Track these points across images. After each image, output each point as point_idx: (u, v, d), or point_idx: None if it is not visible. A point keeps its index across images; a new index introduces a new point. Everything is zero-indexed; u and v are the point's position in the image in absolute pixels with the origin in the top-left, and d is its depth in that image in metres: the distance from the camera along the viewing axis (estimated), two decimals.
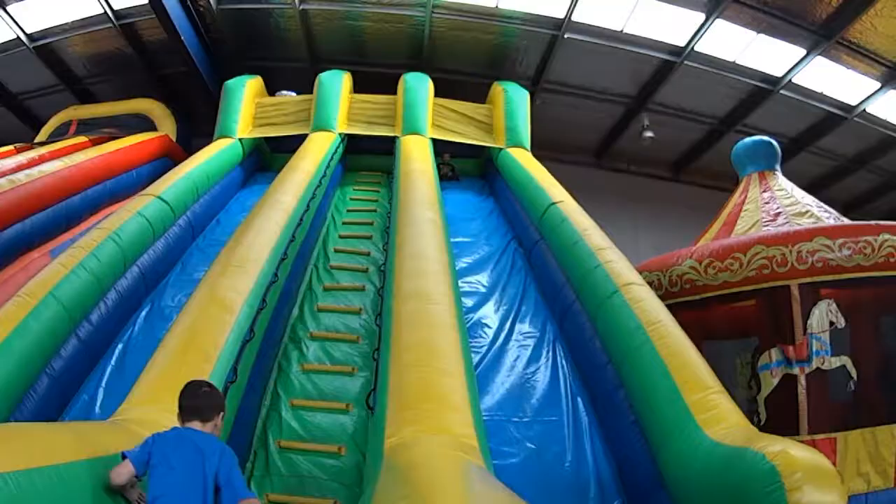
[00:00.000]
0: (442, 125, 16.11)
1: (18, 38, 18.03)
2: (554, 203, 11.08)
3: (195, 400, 4.73)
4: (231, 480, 4.36)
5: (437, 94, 16.55)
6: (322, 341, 9.04)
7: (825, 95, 18.57)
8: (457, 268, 10.16)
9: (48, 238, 12.05)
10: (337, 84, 16.33)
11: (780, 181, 12.59)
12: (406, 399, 5.62)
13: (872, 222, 9.90)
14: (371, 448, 6.02)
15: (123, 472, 4.28)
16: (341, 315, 9.67)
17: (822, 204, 11.98)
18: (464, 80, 18.86)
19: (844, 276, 9.47)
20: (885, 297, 9.58)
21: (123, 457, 4.32)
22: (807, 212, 11.37)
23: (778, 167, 13.08)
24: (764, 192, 12.32)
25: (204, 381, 5.20)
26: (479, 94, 17.34)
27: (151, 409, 5.44)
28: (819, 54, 16.60)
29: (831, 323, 9.32)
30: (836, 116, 19.12)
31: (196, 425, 4.61)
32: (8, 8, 17.14)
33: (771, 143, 13.25)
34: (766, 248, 9.81)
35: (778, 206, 11.70)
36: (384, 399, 5.91)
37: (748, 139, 13.67)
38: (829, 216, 11.22)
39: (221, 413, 4.81)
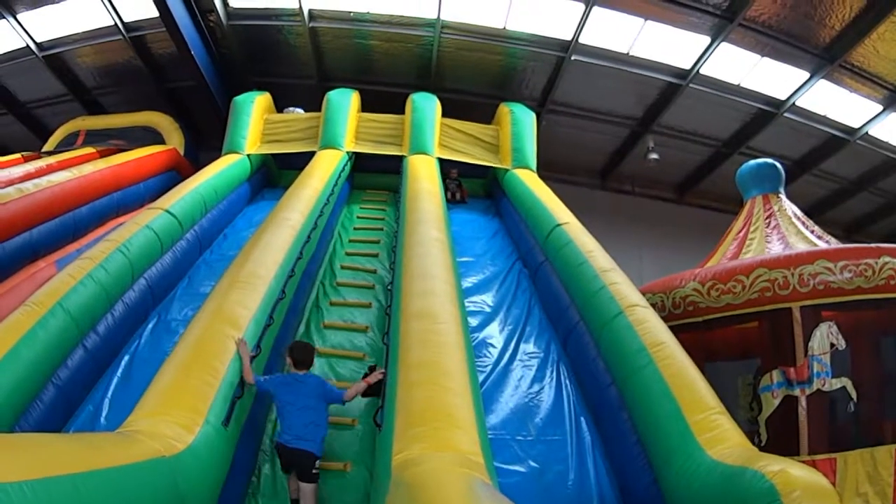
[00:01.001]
0: (449, 145, 16.22)
1: (28, 46, 18.10)
2: (559, 224, 11.16)
3: (304, 355, 7.15)
4: (333, 395, 6.98)
5: (444, 115, 16.68)
6: (328, 357, 9.05)
7: (828, 118, 18.67)
8: (462, 287, 10.21)
9: (54, 248, 12.04)
10: (345, 102, 16.45)
11: (784, 204, 12.65)
12: (414, 416, 5.66)
13: (873, 245, 9.98)
14: (379, 464, 6.05)
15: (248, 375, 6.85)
16: (347, 333, 9.72)
17: (822, 233, 12.04)
18: (471, 100, 18.94)
19: (845, 298, 9.56)
20: (885, 319, 9.66)
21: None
22: (807, 237, 11.45)
23: (782, 189, 13.14)
24: (768, 216, 12.38)
25: (304, 342, 8.09)
26: (485, 114, 17.48)
27: (159, 420, 5.50)
28: (822, 77, 16.70)
29: (832, 345, 9.39)
30: (838, 139, 19.20)
31: (302, 370, 7.03)
32: (18, 16, 17.25)
33: (775, 166, 13.31)
34: (768, 271, 9.89)
35: (781, 232, 11.76)
36: (392, 416, 5.95)
37: (752, 162, 13.75)
38: (827, 245, 11.24)
39: (313, 360, 7.29)
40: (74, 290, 8.15)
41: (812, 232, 11.86)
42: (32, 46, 18.09)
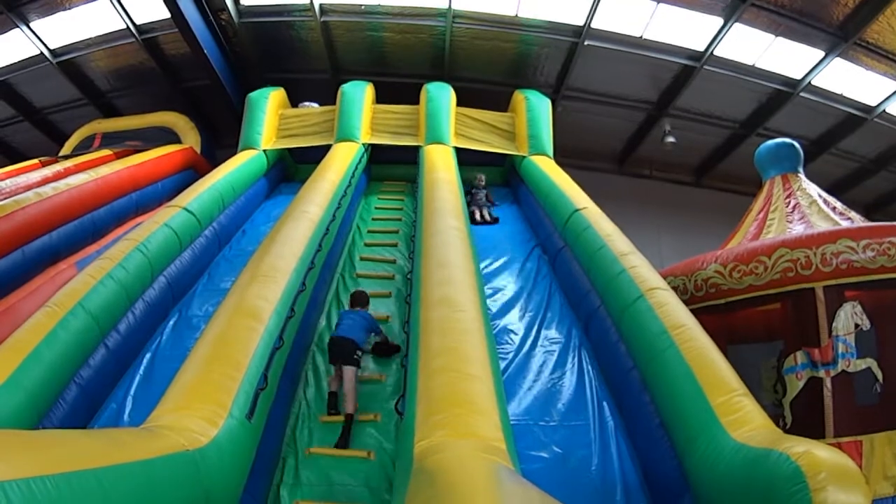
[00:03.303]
0: (465, 134, 16.21)
1: (42, 53, 18.24)
2: (577, 210, 11.14)
3: (360, 298, 9.20)
4: (371, 323, 8.84)
5: (458, 104, 16.68)
6: None
7: (845, 97, 18.51)
8: (482, 275, 10.23)
9: (75, 250, 12.13)
10: (359, 95, 16.47)
11: (803, 183, 12.55)
12: (435, 404, 5.65)
13: None
14: (401, 452, 6.05)
15: None
16: None
17: (845, 209, 11.93)
18: (485, 88, 18.92)
19: (869, 277, 9.40)
20: None
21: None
22: (829, 216, 11.34)
23: (801, 169, 13.04)
24: (788, 196, 12.28)
25: (361, 290, 9.61)
26: (500, 102, 17.45)
27: (183, 414, 5.51)
28: (837, 56, 16.56)
29: (856, 325, 9.24)
30: (856, 118, 19.04)
31: (357, 309, 8.93)
32: (31, 24, 17.36)
33: (793, 146, 13.20)
34: (790, 251, 9.78)
35: (802, 212, 11.67)
36: (413, 404, 5.95)
37: (770, 142, 13.62)
38: (849, 223, 11.11)
39: (368, 304, 9.25)
40: (94, 290, 8.24)
41: (834, 209, 11.73)
42: (46, 53, 18.25)
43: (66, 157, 17.07)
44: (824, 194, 12.35)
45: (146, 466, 4.38)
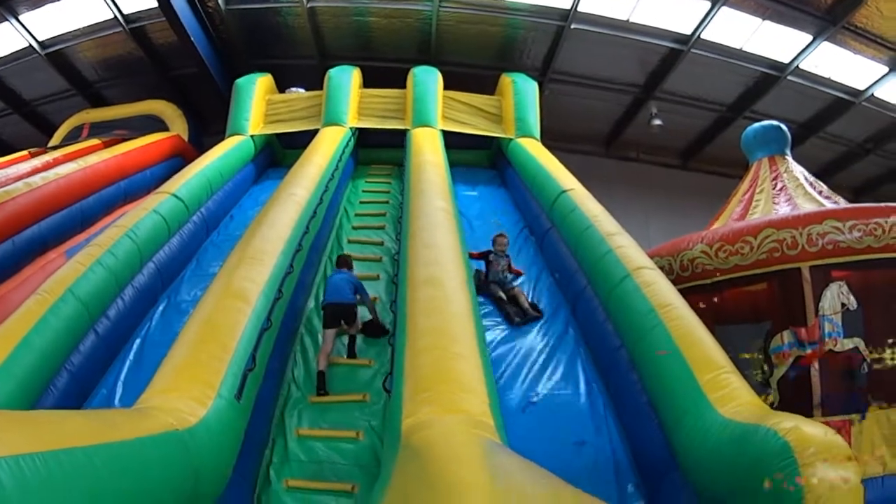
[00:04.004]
0: (452, 117, 16.14)
1: (30, 45, 18.22)
2: (564, 191, 11.15)
3: (345, 261, 9.73)
4: (361, 288, 9.16)
5: (445, 87, 16.60)
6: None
7: (833, 80, 18.53)
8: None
9: (64, 239, 12.18)
10: (346, 79, 16.41)
11: (790, 165, 12.58)
12: (422, 381, 5.67)
13: (882, 204, 9.87)
14: (388, 429, 6.08)
15: None
16: None
17: (831, 192, 11.97)
18: (472, 72, 18.89)
19: (855, 257, 9.45)
20: None
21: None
22: (814, 198, 11.38)
23: (788, 151, 13.06)
24: (774, 178, 12.31)
25: (346, 254, 10.33)
26: (487, 85, 17.39)
27: (173, 396, 5.53)
28: (825, 39, 16.58)
29: (843, 304, 9.30)
30: (844, 101, 19.09)
31: (343, 270, 9.44)
32: (20, 17, 17.34)
33: (780, 128, 13.22)
34: (776, 232, 9.81)
35: (788, 193, 11.70)
36: (400, 382, 5.97)
37: (757, 124, 13.66)
38: (835, 205, 11.14)
39: (352, 267, 9.77)
40: (84, 276, 8.26)
41: (820, 193, 11.78)
42: (35, 45, 18.24)
43: (55, 148, 17.08)
44: (810, 177, 12.38)
45: (136, 445, 4.40)
